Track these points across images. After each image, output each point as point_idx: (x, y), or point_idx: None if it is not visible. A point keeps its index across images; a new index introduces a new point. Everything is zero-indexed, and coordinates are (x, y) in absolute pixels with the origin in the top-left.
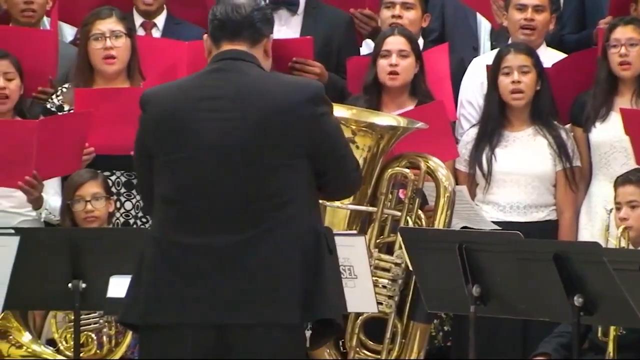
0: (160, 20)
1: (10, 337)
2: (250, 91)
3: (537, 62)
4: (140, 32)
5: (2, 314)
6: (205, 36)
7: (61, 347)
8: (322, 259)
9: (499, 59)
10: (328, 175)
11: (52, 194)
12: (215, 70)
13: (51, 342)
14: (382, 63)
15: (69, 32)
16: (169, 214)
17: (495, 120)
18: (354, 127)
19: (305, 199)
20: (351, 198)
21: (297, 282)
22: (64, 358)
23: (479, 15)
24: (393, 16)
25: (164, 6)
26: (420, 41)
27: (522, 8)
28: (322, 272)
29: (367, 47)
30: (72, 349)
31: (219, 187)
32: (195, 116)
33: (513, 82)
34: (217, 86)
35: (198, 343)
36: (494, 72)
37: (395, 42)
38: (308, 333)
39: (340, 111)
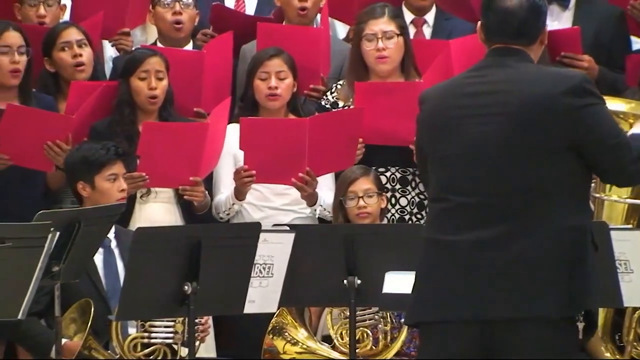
0: (430, 16)
1: (286, 333)
2: (509, 85)
3: None
4: (411, 29)
5: (278, 311)
6: (479, 24)
7: (337, 344)
8: (586, 255)
9: None
10: (601, 167)
11: (326, 190)
12: (481, 67)
13: (327, 339)
14: None
15: (340, 28)
16: (435, 211)
17: None
18: (631, 121)
19: (568, 193)
20: (629, 191)
21: (558, 277)
22: (340, 355)
23: None
24: None
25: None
26: None
27: None
28: (584, 268)
29: None
30: (348, 345)
31: (479, 183)
32: (456, 113)
33: None
34: (479, 82)
35: (463, 340)
36: None
37: None
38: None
39: (617, 105)
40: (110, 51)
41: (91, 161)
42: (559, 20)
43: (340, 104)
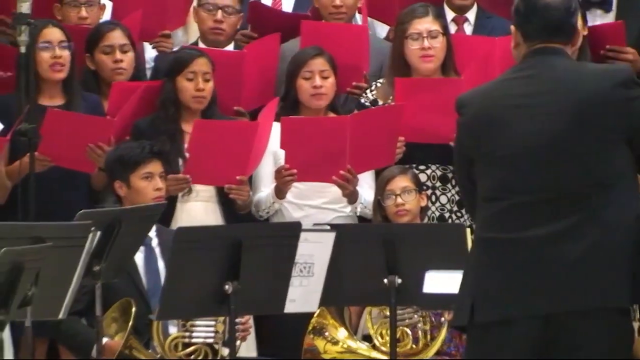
0: (472, 14)
1: (326, 333)
2: (560, 84)
3: None
4: (452, 27)
5: (319, 311)
6: (512, 28)
7: (377, 343)
8: None
9: None
10: None
11: (366, 188)
12: (524, 68)
13: (367, 338)
14: None
15: (379, 28)
16: (489, 211)
17: None
18: None
19: (626, 182)
20: None
21: (628, 264)
22: (380, 354)
23: None
24: None
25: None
26: None
27: None
28: None
29: None
30: (388, 345)
31: (539, 181)
32: (505, 114)
33: None
34: (525, 83)
35: (526, 336)
36: None
37: None
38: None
39: None
40: (150, 53)
41: (126, 160)
42: (602, 21)
43: (380, 102)
